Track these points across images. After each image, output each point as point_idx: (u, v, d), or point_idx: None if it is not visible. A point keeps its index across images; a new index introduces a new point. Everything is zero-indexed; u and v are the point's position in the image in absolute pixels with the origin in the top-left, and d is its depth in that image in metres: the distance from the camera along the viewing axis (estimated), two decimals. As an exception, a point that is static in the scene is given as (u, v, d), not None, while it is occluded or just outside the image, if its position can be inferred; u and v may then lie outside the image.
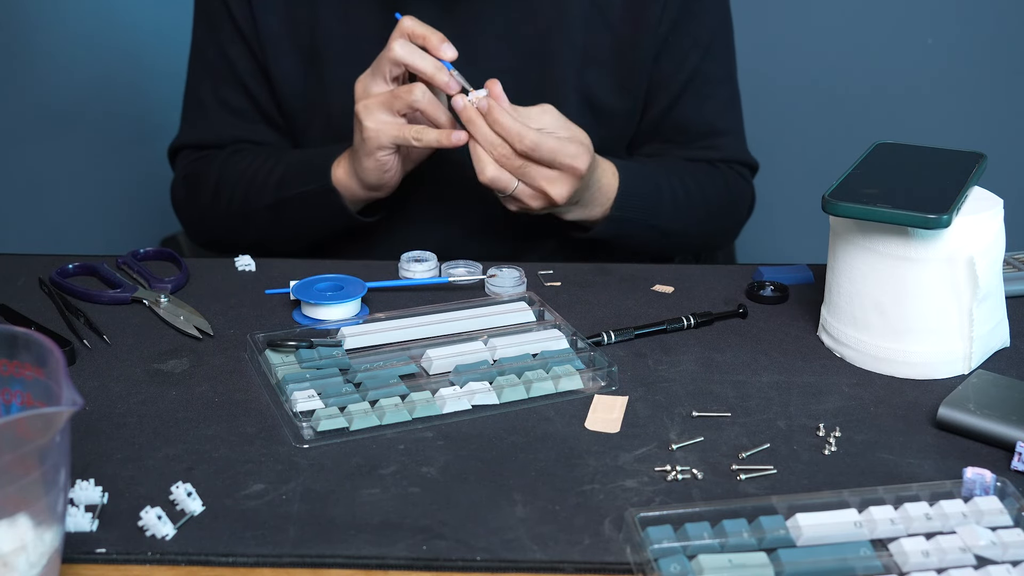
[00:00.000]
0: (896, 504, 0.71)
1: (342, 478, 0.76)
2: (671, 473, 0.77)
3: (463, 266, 1.08)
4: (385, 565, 0.68)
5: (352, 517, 0.72)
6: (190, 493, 0.72)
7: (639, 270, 1.10)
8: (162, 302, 1.00)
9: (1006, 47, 1.92)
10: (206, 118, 1.31)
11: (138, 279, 1.05)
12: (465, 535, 0.71)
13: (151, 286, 1.04)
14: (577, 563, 0.68)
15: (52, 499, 0.60)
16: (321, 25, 1.24)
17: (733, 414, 0.85)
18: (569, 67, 1.24)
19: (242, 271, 1.09)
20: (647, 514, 0.69)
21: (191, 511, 0.72)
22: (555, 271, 1.09)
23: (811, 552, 0.67)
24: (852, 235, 0.91)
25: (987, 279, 0.89)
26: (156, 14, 1.91)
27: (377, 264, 1.11)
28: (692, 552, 0.67)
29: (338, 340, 0.92)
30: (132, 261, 1.08)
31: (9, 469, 0.57)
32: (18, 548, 0.58)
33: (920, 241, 0.87)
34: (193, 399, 0.86)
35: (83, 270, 1.07)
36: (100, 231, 2.01)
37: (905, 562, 0.67)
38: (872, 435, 0.82)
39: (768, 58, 1.93)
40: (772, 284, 1.05)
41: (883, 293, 0.90)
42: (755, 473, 0.77)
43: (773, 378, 0.90)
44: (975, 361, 0.91)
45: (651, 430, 0.82)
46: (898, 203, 0.86)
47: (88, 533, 0.70)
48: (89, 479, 0.74)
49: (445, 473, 0.77)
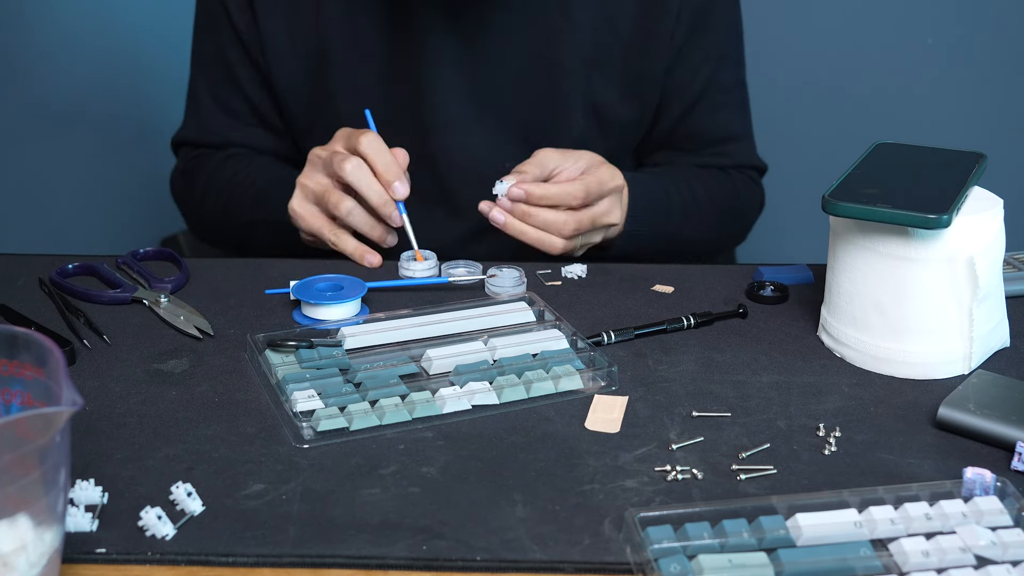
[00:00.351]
0: (896, 504, 0.71)
1: (342, 478, 0.76)
2: (671, 473, 0.77)
3: (463, 266, 1.08)
4: (385, 565, 0.68)
5: (352, 517, 0.72)
6: (190, 493, 0.72)
7: (639, 270, 1.10)
8: (162, 302, 1.00)
9: (1006, 47, 1.92)
10: (202, 117, 1.32)
11: (138, 279, 1.05)
12: (465, 535, 0.71)
13: (151, 286, 1.04)
14: (577, 563, 0.68)
15: (52, 499, 0.60)
16: (325, 29, 1.24)
17: (733, 414, 0.85)
18: (577, 75, 1.24)
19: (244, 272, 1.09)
20: (647, 514, 0.69)
21: (191, 511, 0.72)
22: (555, 271, 1.09)
23: (811, 552, 0.67)
24: (852, 235, 0.91)
25: (987, 279, 0.89)
26: (156, 14, 1.91)
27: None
28: (692, 552, 0.67)
29: (338, 340, 0.92)
30: (132, 261, 1.08)
31: (9, 469, 0.57)
32: (18, 548, 0.58)
33: (920, 241, 0.87)
34: (193, 399, 0.86)
35: (83, 270, 1.07)
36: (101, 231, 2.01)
37: (905, 562, 0.67)
38: (872, 435, 0.82)
39: (768, 58, 1.93)
40: (772, 284, 1.05)
41: (883, 293, 0.90)
42: (755, 473, 0.77)
43: (773, 378, 0.90)
44: (975, 361, 0.91)
45: (651, 430, 0.82)
46: (898, 203, 0.86)
47: (88, 533, 0.70)
48: (89, 479, 0.74)
49: (445, 473, 0.77)
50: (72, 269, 1.07)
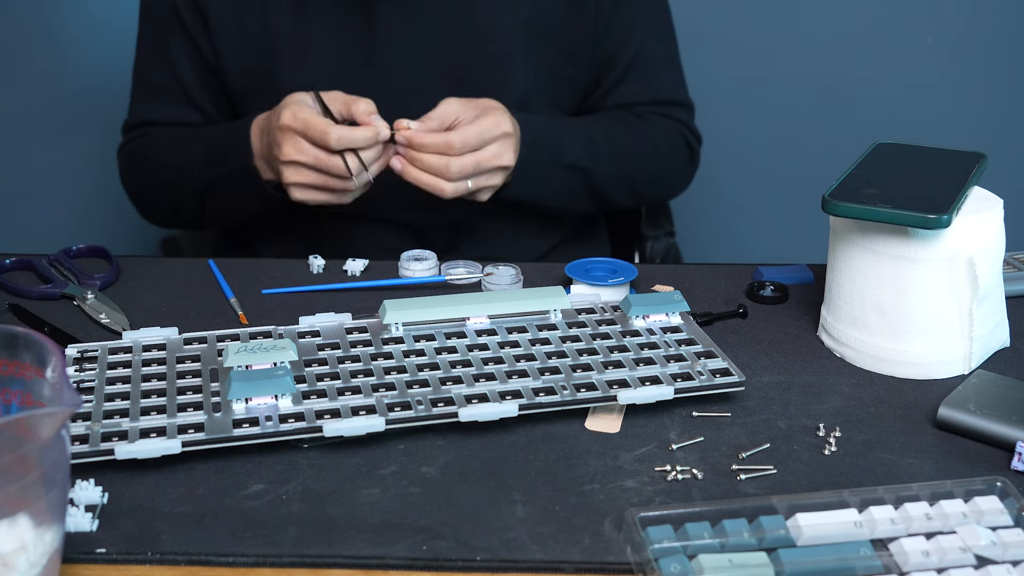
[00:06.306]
0: (896, 504, 0.71)
1: (342, 478, 0.76)
2: (671, 473, 0.77)
3: (463, 266, 1.08)
4: (385, 565, 0.68)
5: (352, 517, 0.72)
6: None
7: (639, 270, 1.09)
8: (88, 298, 1.02)
9: (1006, 47, 1.92)
10: (141, 98, 1.35)
11: (69, 276, 1.07)
12: (465, 535, 0.71)
13: (80, 282, 1.05)
14: (577, 563, 0.68)
15: (52, 499, 0.60)
16: (272, 5, 1.25)
17: (733, 414, 0.85)
18: (514, 37, 1.28)
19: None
20: (647, 514, 0.69)
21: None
22: (555, 271, 1.09)
23: (811, 552, 0.67)
24: (852, 235, 0.91)
25: (987, 279, 0.89)
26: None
27: (378, 264, 1.11)
28: (692, 552, 0.67)
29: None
30: (64, 258, 1.10)
31: (9, 469, 0.57)
32: (18, 548, 0.58)
33: (920, 241, 0.87)
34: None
35: (20, 265, 1.10)
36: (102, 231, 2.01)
37: (905, 562, 0.67)
38: (872, 435, 0.82)
39: (768, 58, 1.93)
40: (772, 284, 1.05)
41: (883, 293, 0.90)
42: (755, 473, 0.77)
43: (773, 378, 0.90)
44: (975, 361, 0.91)
45: (651, 430, 0.82)
46: (898, 203, 0.86)
47: (88, 533, 0.70)
48: (89, 479, 0.74)
49: (445, 473, 0.77)
50: (10, 264, 1.09)
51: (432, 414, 0.80)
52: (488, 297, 0.93)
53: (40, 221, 2.03)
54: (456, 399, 0.81)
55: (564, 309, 0.94)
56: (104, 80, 1.90)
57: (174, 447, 0.76)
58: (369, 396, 0.81)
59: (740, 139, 1.93)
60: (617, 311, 0.95)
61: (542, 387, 0.83)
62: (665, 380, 0.84)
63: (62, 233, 1.99)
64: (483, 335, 0.90)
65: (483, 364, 0.86)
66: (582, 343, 0.89)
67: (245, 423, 0.78)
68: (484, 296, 0.94)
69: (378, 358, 0.87)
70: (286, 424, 0.78)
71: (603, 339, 0.90)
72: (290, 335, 0.90)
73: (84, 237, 1.38)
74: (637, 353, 0.88)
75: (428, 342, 0.89)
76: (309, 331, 0.91)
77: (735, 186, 1.98)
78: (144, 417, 0.79)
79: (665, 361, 0.86)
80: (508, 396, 0.81)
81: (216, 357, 0.87)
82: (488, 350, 0.88)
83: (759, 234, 2.06)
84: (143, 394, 0.82)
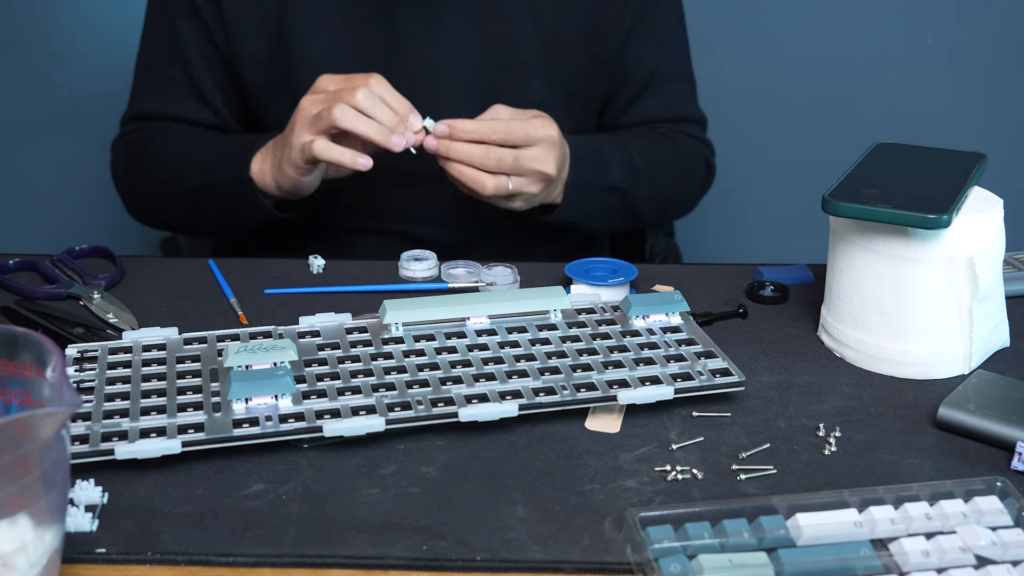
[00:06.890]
0: (896, 504, 0.71)
1: (342, 478, 0.76)
2: (671, 473, 0.77)
3: (463, 266, 1.08)
4: (385, 565, 0.68)
5: (352, 517, 0.72)
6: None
7: (639, 270, 1.09)
8: (95, 298, 1.02)
9: (1006, 47, 1.92)
10: (143, 88, 1.32)
11: (73, 276, 1.07)
12: (465, 535, 0.71)
13: (85, 283, 1.05)
14: (577, 563, 0.68)
15: (52, 499, 0.60)
16: (290, 4, 1.24)
17: (733, 414, 0.85)
18: (535, 48, 1.27)
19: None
20: (647, 514, 0.69)
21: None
22: (554, 270, 1.09)
23: (811, 552, 0.67)
24: (852, 235, 0.91)
25: (987, 279, 0.89)
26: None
27: (378, 264, 1.11)
28: (692, 552, 0.67)
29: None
30: (67, 259, 1.10)
31: (9, 469, 0.57)
32: (18, 548, 0.58)
33: (920, 241, 0.87)
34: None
35: (23, 266, 1.09)
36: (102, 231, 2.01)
37: (905, 562, 0.67)
38: (872, 435, 0.82)
39: (768, 58, 1.93)
40: (772, 284, 1.05)
41: (883, 293, 0.90)
42: (755, 473, 0.77)
43: (773, 378, 0.90)
44: (975, 361, 0.91)
45: (651, 430, 0.82)
46: (898, 203, 0.86)
47: (88, 533, 0.70)
48: (89, 479, 0.74)
49: (445, 473, 0.77)
50: (12, 265, 1.09)
51: (432, 414, 0.80)
52: (488, 297, 0.94)
53: (39, 221, 2.03)
54: (456, 399, 0.81)
55: (564, 309, 0.94)
56: (105, 80, 1.91)
57: (174, 447, 0.76)
58: (369, 396, 0.82)
59: (740, 139, 1.93)
60: (617, 311, 0.95)
61: (542, 387, 0.83)
62: (665, 380, 0.84)
63: (62, 233, 1.99)
64: (483, 335, 0.90)
65: (483, 364, 0.86)
66: (582, 343, 0.89)
67: (245, 423, 0.78)
68: (484, 296, 0.94)
69: (378, 358, 0.87)
70: (286, 424, 0.78)
71: (603, 339, 0.90)
72: (290, 335, 0.90)
73: (83, 237, 1.38)
74: (637, 353, 0.88)
75: (428, 342, 0.89)
76: (309, 331, 0.91)
77: (735, 186, 1.97)
78: (144, 417, 0.79)
79: (665, 361, 0.86)
80: (508, 396, 0.82)
81: (216, 357, 0.87)
82: (488, 350, 0.88)
83: (759, 234, 2.07)
84: (143, 394, 0.82)
